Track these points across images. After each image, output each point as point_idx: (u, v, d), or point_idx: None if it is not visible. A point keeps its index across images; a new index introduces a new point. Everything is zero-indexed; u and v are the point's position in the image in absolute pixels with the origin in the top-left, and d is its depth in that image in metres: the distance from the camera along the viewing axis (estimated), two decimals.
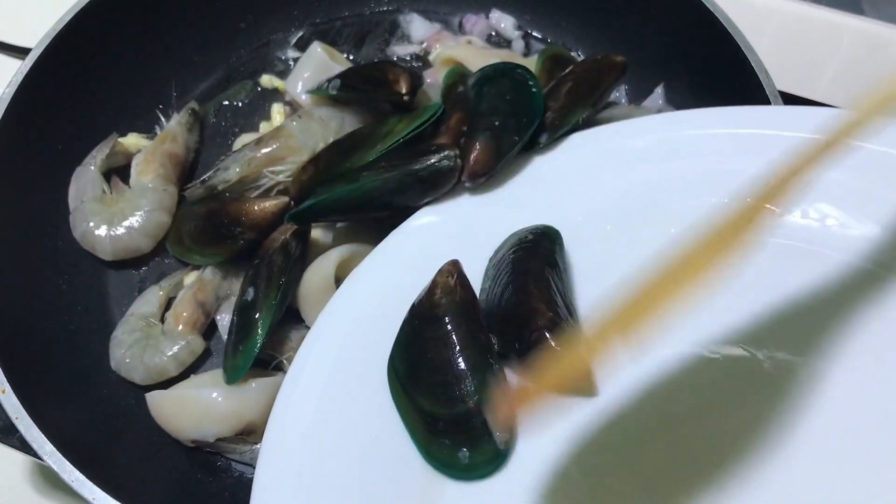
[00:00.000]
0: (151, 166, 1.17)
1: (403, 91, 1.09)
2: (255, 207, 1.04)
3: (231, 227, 1.05)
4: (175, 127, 1.23)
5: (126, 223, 1.13)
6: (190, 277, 1.15)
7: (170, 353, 1.05)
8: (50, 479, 1.12)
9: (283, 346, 1.03)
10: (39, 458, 0.87)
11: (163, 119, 1.25)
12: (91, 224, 1.13)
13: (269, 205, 1.04)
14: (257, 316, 0.98)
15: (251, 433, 0.99)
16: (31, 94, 1.09)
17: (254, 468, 0.99)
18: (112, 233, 1.13)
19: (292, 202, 1.05)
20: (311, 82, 1.22)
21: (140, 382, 1.05)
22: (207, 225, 1.09)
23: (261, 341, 0.97)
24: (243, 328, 0.98)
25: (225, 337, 1.08)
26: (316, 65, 1.24)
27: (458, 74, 1.15)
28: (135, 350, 1.05)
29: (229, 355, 0.99)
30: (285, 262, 1.01)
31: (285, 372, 1.01)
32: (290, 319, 1.05)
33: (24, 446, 0.98)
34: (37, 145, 1.12)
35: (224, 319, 1.10)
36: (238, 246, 1.06)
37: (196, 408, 0.98)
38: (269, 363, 1.03)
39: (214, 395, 0.97)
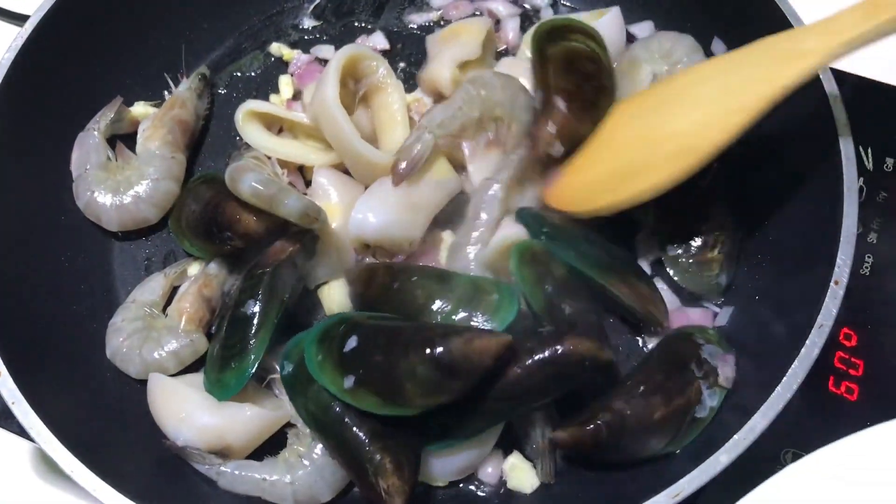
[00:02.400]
0: (159, 132, 1.12)
1: None
2: (253, 218, 0.95)
3: (222, 229, 0.98)
4: (184, 92, 1.17)
5: (132, 192, 1.08)
6: (194, 268, 1.09)
7: (170, 350, 0.99)
8: (51, 463, 1.07)
9: (274, 360, 0.95)
10: (38, 444, 0.83)
11: (172, 85, 1.19)
12: (95, 193, 1.07)
13: (265, 219, 0.95)
14: (255, 335, 0.93)
15: (226, 456, 0.92)
16: (31, 60, 1.03)
17: (215, 485, 0.92)
18: (118, 201, 1.07)
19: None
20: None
21: (134, 376, 1.00)
22: (203, 216, 1.03)
23: (256, 364, 0.91)
24: (238, 341, 0.93)
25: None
26: None
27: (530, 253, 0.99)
28: (134, 340, 1.00)
29: (216, 365, 0.94)
30: (291, 277, 0.96)
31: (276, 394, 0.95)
32: (284, 331, 0.97)
33: (22, 432, 0.94)
34: (38, 113, 1.07)
35: None
36: (223, 249, 1.01)
37: (185, 408, 0.92)
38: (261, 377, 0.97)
39: (205, 404, 0.92)
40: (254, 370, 0.91)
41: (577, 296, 0.95)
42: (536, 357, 0.82)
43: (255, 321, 0.93)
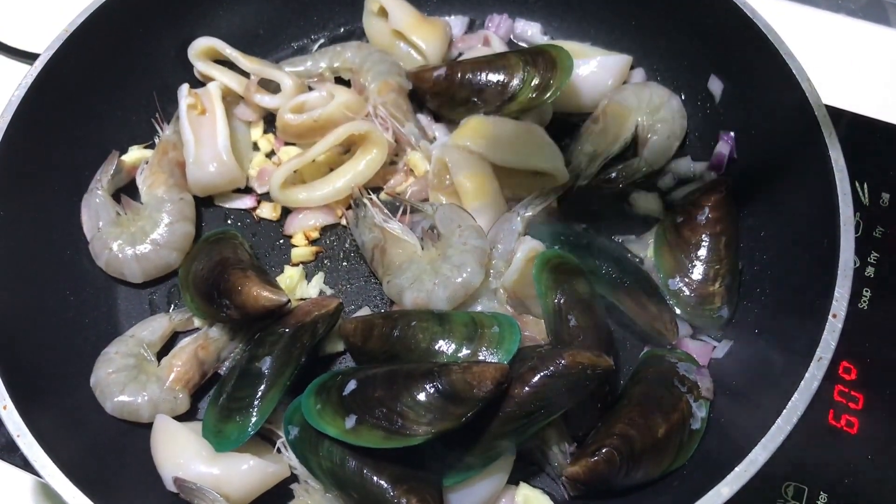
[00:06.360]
0: (160, 177, 1.13)
1: None
2: (253, 292, 0.95)
3: (222, 295, 0.98)
4: (173, 136, 1.18)
5: (149, 240, 1.08)
6: (199, 321, 1.08)
7: (151, 399, 0.98)
8: (55, 498, 1.07)
9: (277, 416, 0.94)
10: (42, 477, 0.83)
11: (159, 129, 1.19)
12: (114, 248, 1.08)
13: (265, 297, 0.95)
14: (263, 394, 0.92)
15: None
16: (39, 98, 1.05)
17: None
18: (137, 252, 1.08)
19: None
20: None
21: (108, 411, 0.99)
22: (209, 277, 1.02)
23: (260, 425, 0.91)
24: (245, 395, 0.92)
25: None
26: None
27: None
28: (121, 377, 0.99)
29: (218, 414, 0.93)
30: (310, 342, 0.96)
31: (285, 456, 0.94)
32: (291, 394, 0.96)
33: (26, 465, 0.94)
34: (45, 149, 1.08)
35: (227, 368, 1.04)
36: (219, 316, 1.01)
37: (184, 453, 0.92)
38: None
39: (204, 452, 0.91)
40: (256, 430, 0.90)
41: (587, 311, 0.96)
42: (541, 374, 0.84)
43: (267, 380, 0.92)
